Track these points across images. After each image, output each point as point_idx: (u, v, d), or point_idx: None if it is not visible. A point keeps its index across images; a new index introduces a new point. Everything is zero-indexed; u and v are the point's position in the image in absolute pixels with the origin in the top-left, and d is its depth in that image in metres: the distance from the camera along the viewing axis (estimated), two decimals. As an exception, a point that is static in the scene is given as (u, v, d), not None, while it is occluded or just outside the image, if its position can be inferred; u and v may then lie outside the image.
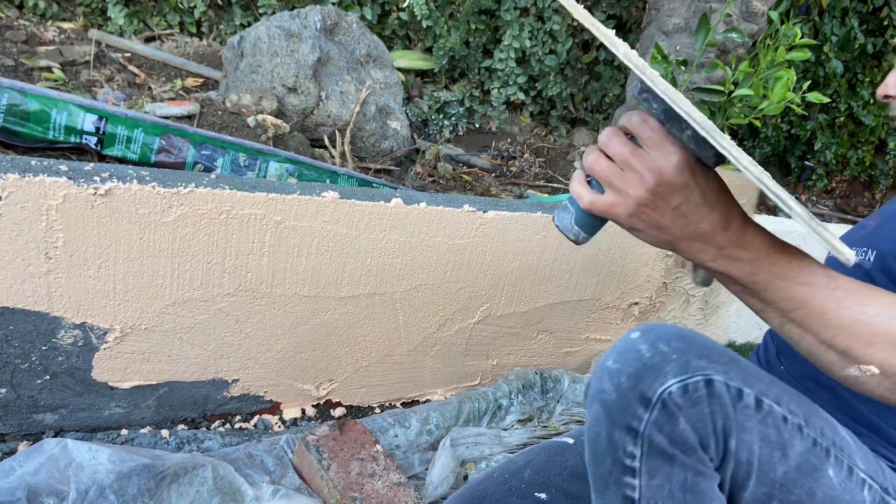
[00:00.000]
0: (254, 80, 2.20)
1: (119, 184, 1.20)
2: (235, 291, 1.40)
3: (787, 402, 0.81)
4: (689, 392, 0.75)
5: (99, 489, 1.14)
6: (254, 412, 1.59)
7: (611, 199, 0.72)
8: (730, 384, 0.77)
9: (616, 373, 0.79)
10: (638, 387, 0.77)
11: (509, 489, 1.15)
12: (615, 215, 0.73)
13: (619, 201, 0.71)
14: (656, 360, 0.77)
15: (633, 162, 0.70)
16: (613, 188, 0.71)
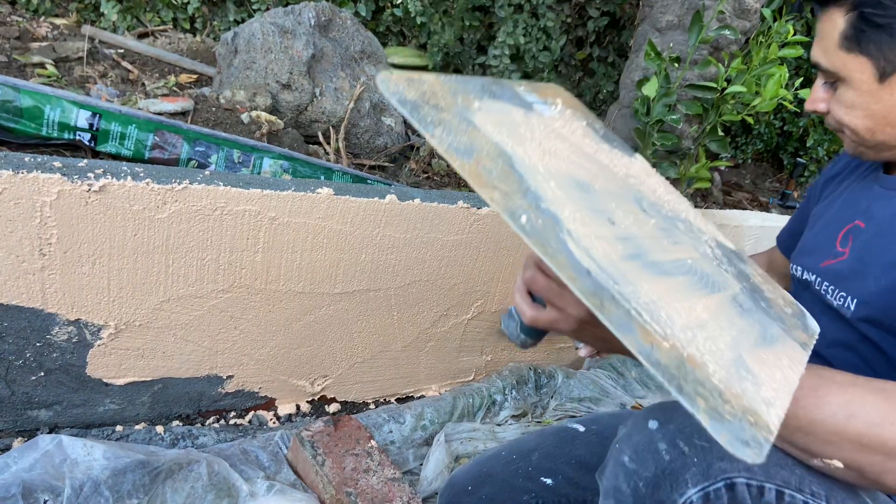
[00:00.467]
0: (248, 77, 2.20)
1: (113, 180, 1.20)
2: (230, 288, 1.41)
3: (808, 485, 0.77)
4: (710, 500, 0.72)
5: (94, 485, 1.14)
6: (248, 408, 1.59)
7: (552, 316, 0.72)
8: (751, 483, 0.72)
9: (633, 474, 0.75)
10: (656, 495, 0.73)
11: (516, 470, 1.15)
12: (559, 330, 0.72)
13: (561, 318, 0.71)
14: (676, 466, 0.73)
15: None
16: (554, 306, 0.71)
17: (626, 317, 0.57)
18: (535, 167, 0.70)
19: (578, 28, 3.23)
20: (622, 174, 0.86)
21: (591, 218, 0.68)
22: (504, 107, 0.80)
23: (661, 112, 2.41)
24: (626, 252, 0.66)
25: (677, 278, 0.68)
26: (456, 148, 0.64)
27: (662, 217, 0.81)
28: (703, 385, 0.55)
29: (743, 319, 0.70)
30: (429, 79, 0.73)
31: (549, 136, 0.81)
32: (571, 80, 3.26)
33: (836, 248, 1.05)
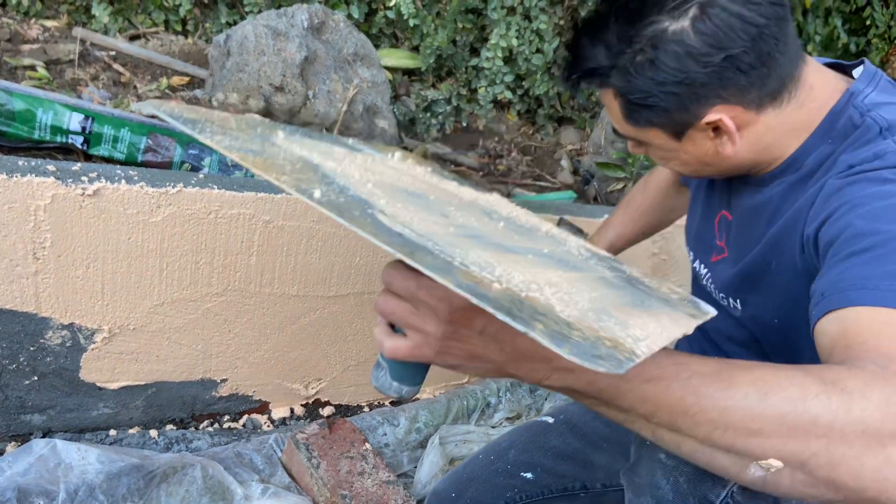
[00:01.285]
0: (240, 79, 2.20)
1: (107, 184, 1.20)
2: (224, 291, 1.40)
3: None
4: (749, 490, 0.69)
5: (88, 489, 1.14)
6: (242, 412, 1.59)
7: (412, 341, 0.62)
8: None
9: (672, 469, 0.73)
10: (699, 489, 0.71)
11: (495, 470, 1.16)
12: (424, 357, 0.63)
13: (421, 340, 0.61)
14: None
15: (422, 295, 0.59)
16: (411, 328, 0.62)
17: (444, 265, 0.48)
18: (346, 174, 0.60)
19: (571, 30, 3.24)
20: (469, 198, 0.76)
21: (417, 211, 0.58)
22: (319, 143, 0.70)
23: (653, 114, 2.42)
24: (460, 233, 0.58)
25: (526, 256, 0.59)
26: (240, 149, 0.55)
27: (515, 225, 0.71)
28: (544, 316, 0.47)
29: (611, 290, 0.61)
30: (222, 114, 0.64)
31: (377, 164, 0.71)
32: (564, 83, 3.27)
33: (716, 241, 1.06)
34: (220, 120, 0.62)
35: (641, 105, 0.84)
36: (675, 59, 0.79)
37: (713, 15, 0.77)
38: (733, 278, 0.98)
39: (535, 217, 0.81)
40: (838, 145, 0.85)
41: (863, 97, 0.86)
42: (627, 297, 0.60)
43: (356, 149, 0.76)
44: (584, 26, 0.87)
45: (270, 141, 0.62)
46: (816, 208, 0.81)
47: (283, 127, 0.71)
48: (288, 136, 0.67)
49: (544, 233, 0.74)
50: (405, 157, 0.85)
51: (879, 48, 3.31)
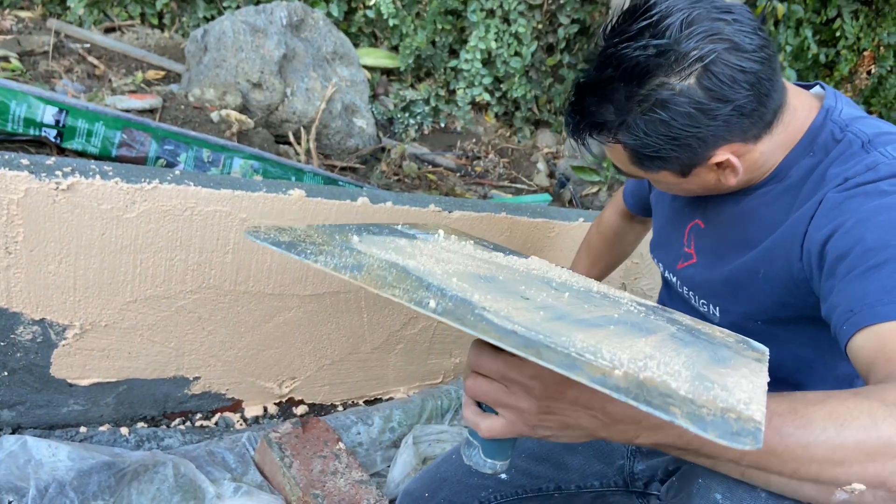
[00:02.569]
0: (217, 75, 2.18)
1: (81, 179, 1.19)
2: (198, 289, 1.40)
3: None
4: None
5: (59, 486, 1.13)
6: (215, 410, 1.58)
7: (507, 419, 0.65)
8: None
9: None
10: None
11: (468, 470, 1.17)
12: (520, 433, 0.66)
13: (516, 418, 0.65)
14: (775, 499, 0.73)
15: (512, 374, 0.64)
16: (505, 407, 0.65)
17: (568, 359, 0.53)
18: (431, 271, 0.68)
19: (549, 34, 3.26)
20: (523, 269, 0.86)
21: (503, 298, 0.65)
22: (385, 239, 0.80)
23: (629, 120, 2.45)
24: (549, 315, 0.64)
25: (609, 328, 0.66)
26: (343, 266, 0.63)
27: (575, 291, 0.80)
28: (670, 397, 0.52)
29: (688, 348, 0.68)
30: (300, 227, 0.75)
31: (439, 250, 0.81)
32: (542, 86, 3.30)
33: (684, 248, 1.10)
34: (306, 235, 0.71)
35: (651, 157, 0.89)
36: (685, 116, 0.83)
37: (716, 72, 0.81)
38: (715, 285, 1.02)
39: (579, 277, 0.92)
40: (821, 158, 0.90)
41: (838, 112, 0.92)
42: (705, 354, 0.67)
43: (409, 235, 0.87)
44: (589, 87, 0.89)
45: (354, 249, 0.71)
46: (819, 220, 0.85)
47: (350, 229, 0.80)
48: (361, 239, 0.77)
49: (598, 293, 0.84)
50: (447, 233, 0.96)
51: (848, 59, 3.39)
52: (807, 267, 0.87)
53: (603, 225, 1.48)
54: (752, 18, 0.85)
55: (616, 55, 0.84)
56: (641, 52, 0.82)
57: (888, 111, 3.53)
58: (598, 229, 1.50)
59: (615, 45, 0.84)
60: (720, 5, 0.84)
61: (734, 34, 0.82)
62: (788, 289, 0.91)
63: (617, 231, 1.47)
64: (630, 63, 0.83)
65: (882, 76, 3.46)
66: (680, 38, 0.81)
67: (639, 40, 0.83)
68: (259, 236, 0.66)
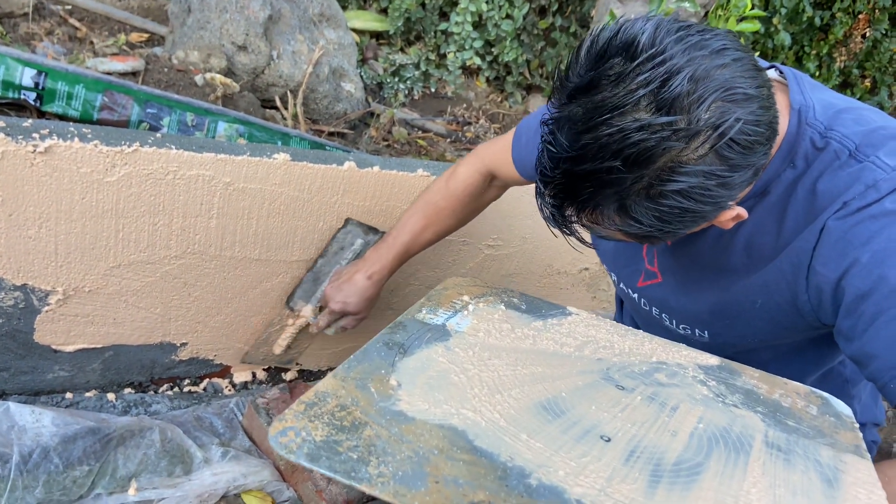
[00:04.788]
0: (201, 37, 2.14)
1: (59, 141, 1.16)
2: (183, 254, 1.38)
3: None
4: None
5: (43, 452, 1.12)
6: (203, 376, 1.58)
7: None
8: None
9: None
10: None
11: None
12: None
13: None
14: None
15: None
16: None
17: None
18: (495, 425, 0.62)
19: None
20: (574, 352, 0.79)
21: (586, 451, 0.61)
22: (421, 357, 0.72)
23: (621, 83, 2.42)
24: (645, 476, 0.60)
25: (709, 468, 0.63)
26: (402, 478, 0.54)
27: (641, 380, 0.75)
28: None
29: (794, 471, 0.65)
30: (328, 388, 0.63)
31: (483, 358, 0.73)
32: (533, 50, 3.25)
33: (645, 265, 1.01)
34: (338, 407, 0.60)
35: (657, 236, 0.77)
36: (700, 194, 0.70)
37: (736, 140, 0.68)
38: (700, 314, 0.96)
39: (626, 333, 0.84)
40: (803, 170, 0.82)
41: (812, 113, 0.82)
42: (814, 476, 0.65)
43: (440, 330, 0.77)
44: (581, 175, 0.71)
45: (397, 414, 0.61)
46: (825, 254, 0.80)
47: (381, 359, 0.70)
48: (399, 380, 0.67)
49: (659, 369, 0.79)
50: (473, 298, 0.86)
51: (844, 22, 3.35)
52: (815, 300, 0.83)
53: (456, 184, 1.31)
54: (734, 40, 0.71)
55: (614, 138, 0.67)
56: (648, 136, 0.66)
57: (882, 75, 3.51)
58: (447, 188, 1.32)
59: (607, 119, 0.67)
60: (706, 39, 0.69)
61: (739, 80, 0.68)
62: (792, 318, 0.88)
63: (472, 193, 1.31)
64: (635, 150, 0.67)
65: (877, 39, 3.42)
66: (691, 106, 0.66)
67: (640, 116, 0.67)
68: (291, 447, 0.54)
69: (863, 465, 0.68)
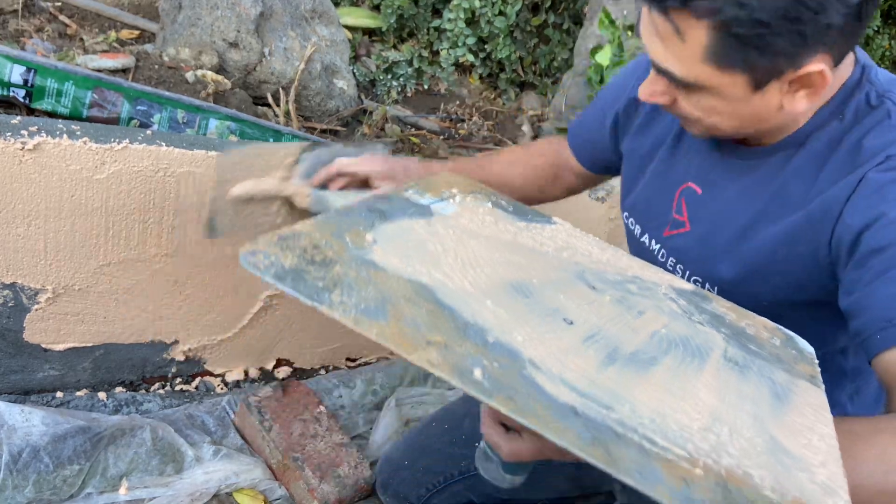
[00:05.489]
0: (193, 34, 2.12)
1: (48, 138, 1.15)
2: (174, 252, 1.37)
3: None
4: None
5: (33, 451, 1.11)
6: (195, 374, 1.57)
7: (535, 446, 0.64)
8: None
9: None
10: None
11: (451, 440, 1.16)
12: (545, 458, 0.65)
13: (544, 447, 0.63)
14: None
15: None
16: (533, 434, 0.62)
17: (642, 457, 0.50)
18: (462, 289, 0.62)
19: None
20: (552, 252, 0.79)
21: (547, 327, 0.62)
22: (401, 226, 0.71)
23: (614, 80, 2.42)
24: (600, 356, 0.61)
25: (663, 363, 0.63)
26: (365, 310, 0.54)
27: (612, 286, 0.75)
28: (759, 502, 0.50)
29: (747, 382, 0.66)
30: (304, 229, 0.63)
31: (462, 239, 0.73)
32: (527, 47, 3.24)
33: (672, 215, 0.99)
34: (312, 247, 0.59)
35: (746, 43, 0.72)
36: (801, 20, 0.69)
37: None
38: (720, 265, 0.92)
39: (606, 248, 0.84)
40: (852, 125, 0.80)
41: (875, 72, 0.81)
42: (765, 391, 0.65)
43: (424, 208, 0.77)
44: None
45: (371, 263, 0.61)
46: (858, 204, 0.77)
47: (360, 216, 0.69)
48: (375, 236, 0.66)
49: (632, 280, 0.78)
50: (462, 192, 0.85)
51: None
52: (835, 252, 0.80)
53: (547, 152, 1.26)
54: None
55: None
56: None
57: (874, 72, 3.52)
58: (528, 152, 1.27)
59: None
60: None
61: None
62: (809, 272, 0.84)
63: (544, 154, 1.25)
64: None
65: (869, 36, 3.44)
66: None
67: None
68: (259, 265, 0.55)
69: (815, 392, 0.68)
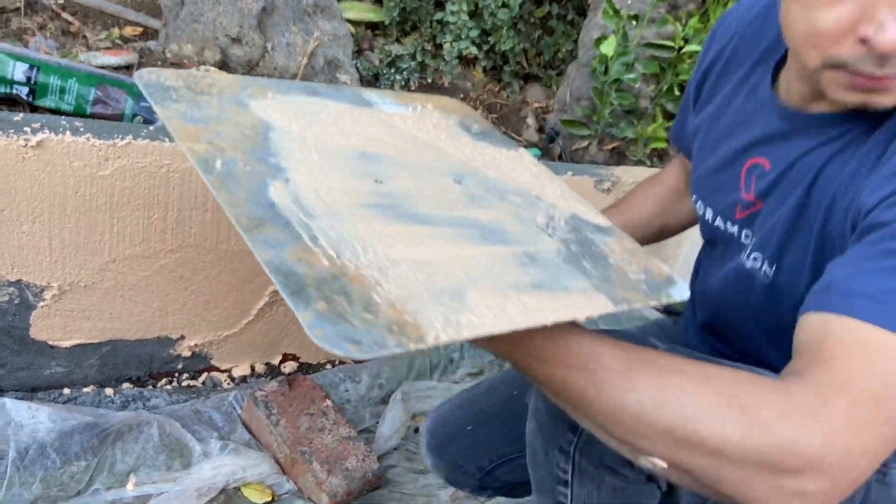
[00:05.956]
0: (195, 30, 2.12)
1: (51, 135, 1.15)
2: (179, 248, 1.37)
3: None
4: None
5: (40, 447, 1.12)
6: (201, 370, 1.57)
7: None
8: None
9: (545, 399, 0.79)
10: (564, 416, 0.75)
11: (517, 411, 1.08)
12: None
13: None
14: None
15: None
16: None
17: (284, 236, 0.47)
18: (301, 138, 0.60)
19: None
20: (459, 158, 0.71)
21: (345, 176, 0.58)
22: (321, 102, 0.68)
23: (619, 71, 2.41)
24: (370, 202, 0.56)
25: (436, 228, 0.57)
26: (184, 115, 0.56)
27: (486, 189, 0.67)
28: (344, 294, 0.45)
29: (518, 269, 0.58)
30: (223, 76, 0.63)
31: (371, 125, 0.68)
32: (531, 39, 3.23)
33: (742, 194, 0.91)
34: (206, 84, 0.61)
35: None
36: None
37: None
38: (780, 237, 0.85)
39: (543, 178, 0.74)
40: None
41: None
42: (528, 278, 0.57)
43: (363, 103, 0.71)
44: None
45: (241, 103, 0.61)
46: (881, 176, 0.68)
47: (289, 87, 0.68)
48: (275, 97, 0.65)
49: (524, 196, 0.69)
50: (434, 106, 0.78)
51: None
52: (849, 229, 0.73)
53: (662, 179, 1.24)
54: None
55: None
56: None
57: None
58: (650, 183, 1.25)
59: None
60: None
61: None
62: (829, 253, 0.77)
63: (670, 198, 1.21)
64: None
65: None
66: None
67: None
68: (143, 77, 0.58)
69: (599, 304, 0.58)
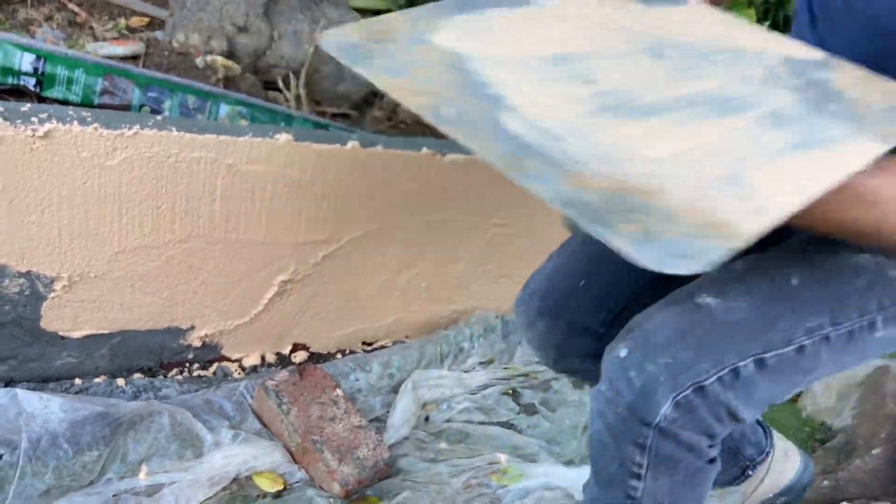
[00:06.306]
0: (201, 19, 2.11)
1: (59, 125, 1.15)
2: (188, 238, 1.37)
3: (801, 327, 0.78)
4: (682, 406, 0.77)
5: (52, 438, 1.12)
6: (212, 360, 1.57)
7: None
8: (722, 375, 0.76)
9: (612, 402, 0.81)
10: (635, 415, 0.78)
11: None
12: None
13: None
14: (648, 387, 0.78)
15: None
16: None
17: (550, 168, 0.48)
18: (495, 58, 0.62)
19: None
20: (642, 28, 0.71)
21: (556, 86, 0.59)
22: (482, 15, 0.70)
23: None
24: (596, 106, 0.57)
25: (679, 112, 0.58)
26: (388, 69, 0.59)
27: (689, 55, 0.67)
28: (640, 210, 0.46)
29: (771, 132, 0.58)
30: (388, 16, 0.67)
31: (536, 24, 0.69)
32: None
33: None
34: (382, 30, 0.64)
35: None
36: None
37: None
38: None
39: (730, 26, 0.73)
40: None
41: None
42: (788, 139, 0.58)
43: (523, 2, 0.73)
44: None
45: (423, 41, 0.64)
46: None
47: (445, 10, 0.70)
48: (447, 24, 0.67)
49: (729, 52, 0.69)
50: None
51: None
52: None
53: None
54: None
55: None
56: None
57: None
58: None
59: None
60: None
61: None
62: None
63: None
64: None
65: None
66: None
67: None
68: (329, 38, 0.62)
69: (868, 146, 0.58)
